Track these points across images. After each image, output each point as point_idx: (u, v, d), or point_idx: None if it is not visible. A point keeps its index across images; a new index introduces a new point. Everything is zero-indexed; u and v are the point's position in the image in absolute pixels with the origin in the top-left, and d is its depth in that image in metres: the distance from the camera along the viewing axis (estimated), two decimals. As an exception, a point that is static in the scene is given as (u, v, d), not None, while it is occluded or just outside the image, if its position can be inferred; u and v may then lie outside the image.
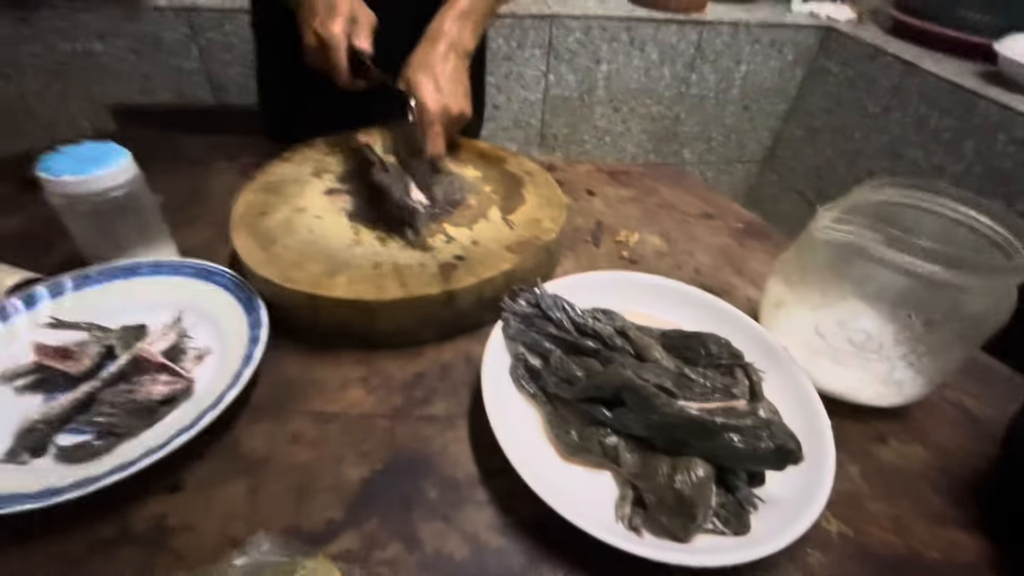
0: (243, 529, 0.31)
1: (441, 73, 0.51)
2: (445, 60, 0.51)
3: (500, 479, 0.35)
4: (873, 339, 0.36)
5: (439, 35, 0.52)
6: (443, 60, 0.51)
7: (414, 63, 0.52)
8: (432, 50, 0.52)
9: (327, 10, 0.48)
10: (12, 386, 0.37)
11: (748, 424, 0.31)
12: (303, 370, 0.41)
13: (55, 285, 0.42)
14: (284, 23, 0.55)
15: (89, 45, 1.03)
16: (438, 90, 0.50)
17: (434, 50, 0.52)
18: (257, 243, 0.43)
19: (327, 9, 0.48)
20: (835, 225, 0.37)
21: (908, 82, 1.15)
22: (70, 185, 0.39)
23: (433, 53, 0.51)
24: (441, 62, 0.51)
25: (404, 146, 0.53)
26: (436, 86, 0.50)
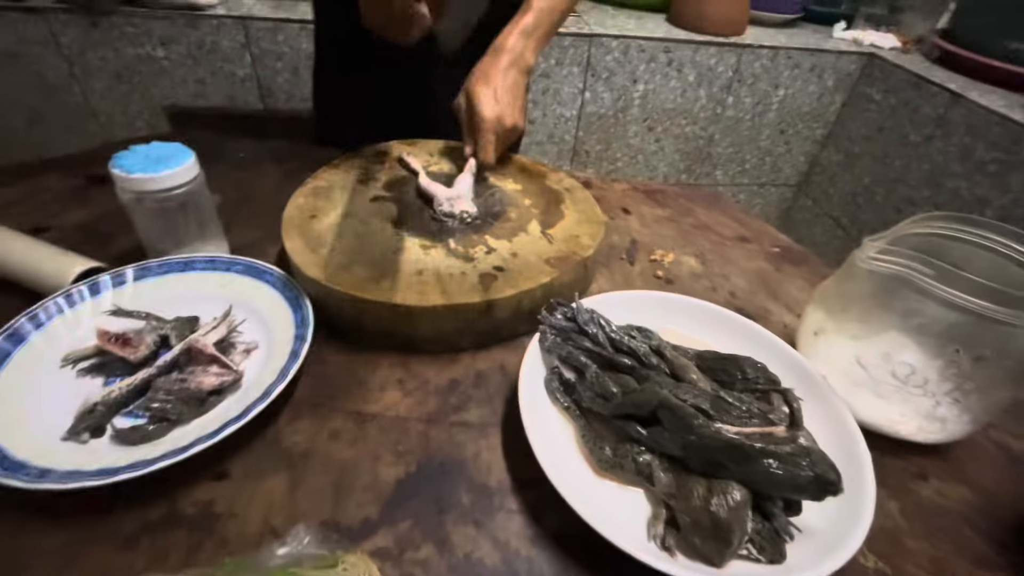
0: (284, 520, 0.32)
1: (500, 85, 0.52)
2: (506, 74, 0.53)
3: (532, 489, 0.35)
4: (918, 373, 0.35)
5: (502, 50, 0.54)
6: (504, 74, 0.53)
7: (476, 74, 0.53)
8: (494, 63, 0.53)
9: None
10: (75, 368, 0.39)
11: (787, 451, 0.31)
12: (344, 370, 0.42)
13: (117, 275, 0.44)
14: (345, 34, 0.57)
15: (152, 51, 1.09)
16: (496, 101, 0.52)
17: (496, 63, 0.53)
18: (307, 245, 0.45)
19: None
20: (881, 256, 0.36)
21: (953, 112, 1.13)
22: (140, 182, 0.41)
23: (495, 66, 0.53)
24: (502, 75, 0.53)
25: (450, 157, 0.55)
26: (494, 97, 0.52)
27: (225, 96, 1.18)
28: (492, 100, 0.52)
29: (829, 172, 1.48)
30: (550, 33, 0.57)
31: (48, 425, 0.35)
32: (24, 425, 0.34)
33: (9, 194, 0.59)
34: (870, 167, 1.35)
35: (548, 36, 0.57)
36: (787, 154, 1.50)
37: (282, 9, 1.12)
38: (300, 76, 1.17)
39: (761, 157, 1.50)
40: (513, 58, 0.54)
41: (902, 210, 1.27)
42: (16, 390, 0.36)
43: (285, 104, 1.21)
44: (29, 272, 0.44)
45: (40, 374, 0.38)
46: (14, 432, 0.33)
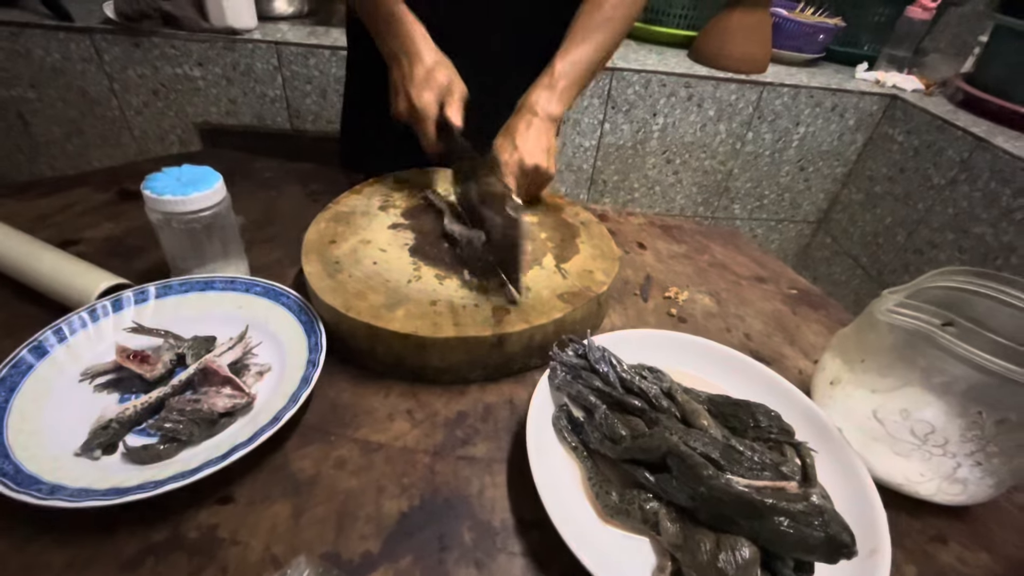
0: (285, 549, 0.32)
1: (520, 134, 0.53)
2: (528, 125, 0.54)
3: (535, 532, 0.35)
4: (938, 433, 0.34)
5: (524, 106, 0.55)
6: (526, 125, 0.54)
7: (501, 131, 0.55)
8: (517, 118, 0.55)
9: (424, 80, 0.52)
10: (92, 384, 0.40)
11: (799, 509, 0.30)
12: (354, 396, 0.42)
13: (140, 292, 0.45)
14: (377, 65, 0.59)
15: (190, 70, 1.13)
16: (515, 147, 0.53)
17: (519, 118, 0.55)
18: (325, 270, 0.46)
19: (425, 79, 0.52)
20: (901, 310, 0.36)
21: (978, 157, 1.12)
22: (169, 203, 0.43)
23: (517, 120, 0.55)
24: (524, 126, 0.54)
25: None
26: (513, 144, 0.53)
27: (254, 115, 1.22)
28: (511, 146, 0.53)
29: (849, 211, 1.47)
30: (578, 84, 0.58)
31: (63, 439, 0.35)
32: (40, 437, 0.35)
33: (45, 206, 0.61)
34: (892, 208, 1.33)
35: (576, 87, 0.58)
36: (807, 191, 1.50)
37: (314, 35, 1.16)
38: (328, 99, 1.21)
39: (780, 193, 1.50)
40: (535, 110, 0.55)
41: (924, 252, 1.25)
42: (35, 403, 0.37)
43: (312, 125, 1.24)
44: (56, 285, 0.46)
45: (59, 388, 0.38)
46: (30, 444, 0.34)
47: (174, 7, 1.08)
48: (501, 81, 0.65)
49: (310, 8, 1.27)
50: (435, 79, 0.52)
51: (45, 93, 1.14)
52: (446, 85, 0.52)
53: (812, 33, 1.38)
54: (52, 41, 1.08)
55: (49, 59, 1.10)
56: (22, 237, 0.49)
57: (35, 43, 1.08)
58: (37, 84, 1.13)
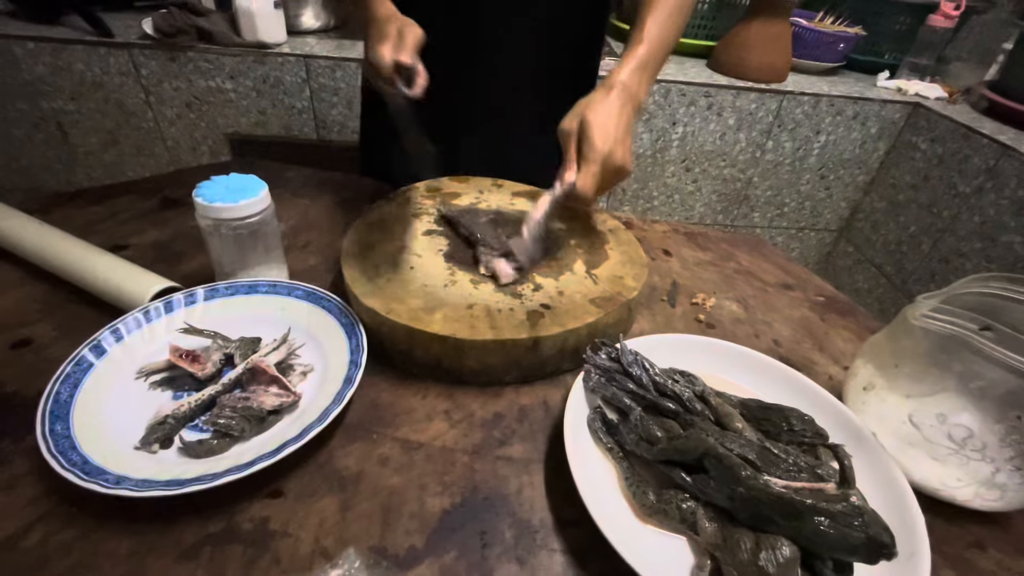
0: (334, 542, 0.33)
1: (616, 122, 0.49)
2: (622, 111, 0.50)
3: (574, 530, 0.35)
4: (976, 437, 0.34)
5: (618, 84, 0.51)
6: (620, 110, 0.50)
7: (592, 104, 0.50)
8: (611, 97, 0.51)
9: (377, 36, 0.49)
10: (147, 381, 0.42)
11: (839, 510, 0.30)
12: (394, 397, 0.44)
13: (190, 294, 0.47)
14: None
15: (222, 83, 1.17)
16: (609, 135, 0.49)
17: (613, 98, 0.50)
18: (364, 275, 0.48)
19: (377, 35, 0.50)
20: (936, 315, 0.36)
21: (1005, 164, 1.11)
22: (219, 210, 0.45)
23: (612, 100, 0.50)
24: (618, 111, 0.50)
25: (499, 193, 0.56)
26: (610, 130, 0.49)
27: (283, 126, 1.25)
28: (606, 133, 0.49)
29: (872, 219, 1.46)
30: (661, 65, 0.55)
31: (122, 433, 0.37)
32: (102, 431, 0.37)
33: (94, 213, 0.64)
34: (916, 216, 1.32)
35: (659, 69, 0.55)
36: (828, 199, 1.49)
37: (341, 49, 1.19)
38: (353, 110, 1.24)
39: (801, 202, 1.49)
40: (629, 95, 0.51)
41: (950, 261, 1.23)
42: (96, 399, 0.39)
43: (337, 135, 1.27)
44: (111, 288, 0.48)
45: (117, 385, 0.40)
46: (93, 438, 0.36)
47: (209, 23, 1.12)
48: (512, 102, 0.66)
49: (337, 22, 1.31)
50: (387, 32, 0.49)
51: (84, 105, 1.19)
52: (397, 34, 0.49)
53: (832, 42, 1.38)
54: (92, 56, 1.12)
55: (89, 73, 1.15)
56: (76, 241, 0.52)
57: (76, 58, 1.13)
58: (77, 97, 1.18)
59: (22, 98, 1.17)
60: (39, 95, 1.17)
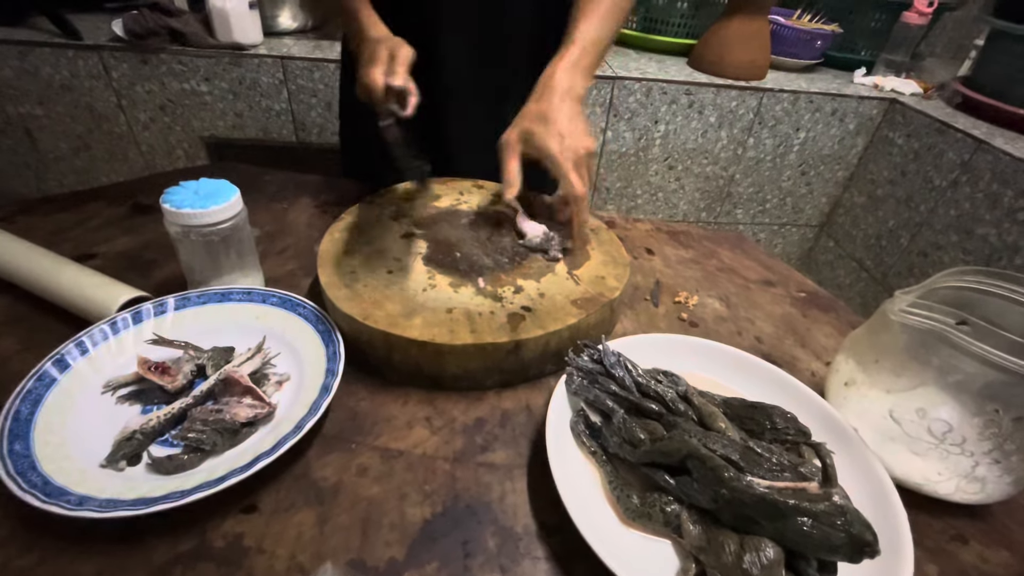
0: (311, 557, 0.32)
1: (559, 119, 0.51)
2: (560, 108, 0.51)
3: (558, 536, 0.35)
4: (955, 431, 0.35)
5: (551, 87, 0.53)
6: (558, 108, 0.51)
7: (529, 116, 0.52)
8: (546, 100, 0.52)
9: (369, 58, 0.52)
10: (115, 395, 0.40)
11: (822, 509, 0.30)
12: (373, 405, 0.43)
13: (159, 304, 0.46)
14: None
15: (197, 85, 1.14)
16: (561, 135, 0.50)
17: (549, 100, 0.52)
18: (341, 280, 0.46)
19: (370, 57, 0.52)
20: (914, 310, 0.36)
21: (979, 159, 1.13)
22: (188, 216, 0.43)
23: (548, 103, 0.52)
24: (556, 110, 0.51)
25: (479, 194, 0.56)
26: (558, 133, 0.50)
27: (260, 128, 1.23)
28: (557, 136, 0.50)
29: (852, 214, 1.48)
30: (596, 63, 0.57)
31: (88, 450, 0.36)
32: (66, 449, 0.35)
33: (61, 221, 0.62)
34: (894, 210, 1.34)
35: (594, 66, 0.57)
36: (809, 195, 1.51)
37: (319, 49, 1.17)
38: (333, 111, 1.22)
39: (782, 198, 1.50)
40: (563, 91, 0.52)
41: (928, 254, 1.25)
42: (60, 415, 0.37)
43: (317, 138, 1.25)
44: (76, 299, 0.46)
45: (83, 400, 0.39)
46: (56, 456, 0.34)
47: (181, 24, 1.09)
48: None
49: (315, 23, 1.29)
50: (378, 55, 0.51)
51: (53, 110, 1.15)
52: (388, 57, 0.51)
53: (810, 40, 1.39)
54: (61, 59, 1.09)
55: (57, 76, 1.11)
56: (40, 251, 0.50)
57: (44, 61, 1.09)
58: (45, 101, 1.14)
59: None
60: (5, 99, 1.13)
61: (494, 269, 0.50)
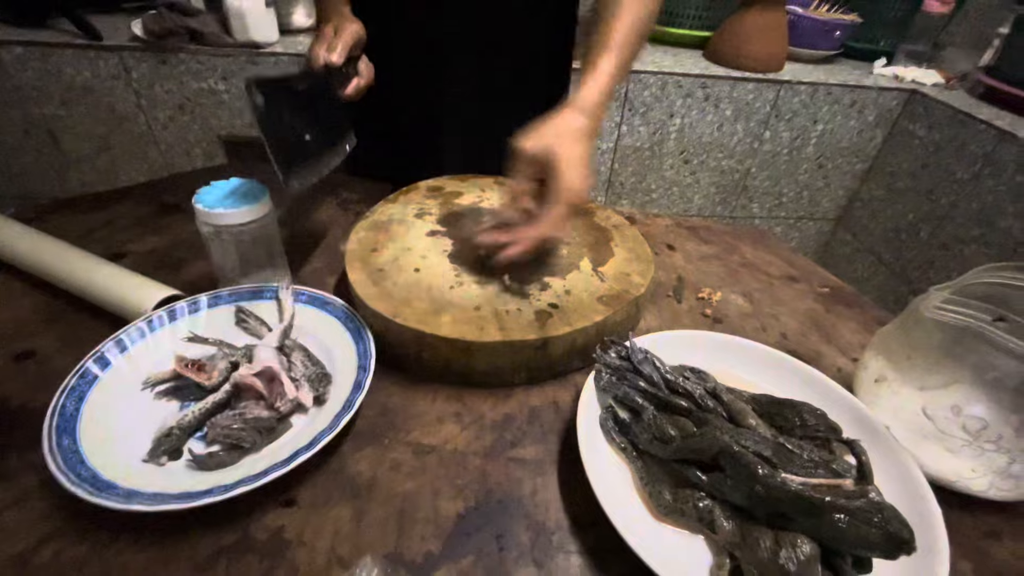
0: (350, 550, 0.33)
1: (583, 159, 0.46)
2: (587, 145, 0.47)
3: (591, 531, 0.35)
4: (991, 429, 0.34)
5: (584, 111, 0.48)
6: (587, 145, 0.47)
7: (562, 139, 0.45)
8: (575, 124, 0.47)
9: (319, 37, 0.53)
10: (152, 392, 0.41)
11: (858, 506, 0.30)
12: (403, 401, 0.43)
13: (193, 302, 0.47)
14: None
15: (214, 84, 1.16)
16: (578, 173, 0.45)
17: (579, 129, 0.47)
18: (369, 278, 0.47)
19: (320, 36, 0.53)
20: (948, 307, 0.36)
21: (1002, 150, 1.11)
22: (220, 216, 0.44)
23: (577, 132, 0.47)
24: (585, 147, 0.47)
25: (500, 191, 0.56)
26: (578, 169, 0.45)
27: (278, 127, 1.24)
28: (576, 171, 0.44)
29: (870, 207, 1.46)
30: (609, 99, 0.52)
31: (130, 446, 0.37)
32: (110, 445, 0.36)
33: (90, 221, 0.63)
34: (914, 203, 1.32)
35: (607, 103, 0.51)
36: (826, 188, 1.49)
37: (335, 46, 1.18)
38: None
39: (799, 191, 1.49)
40: (595, 125, 0.48)
41: (950, 247, 1.23)
42: (103, 411, 0.38)
43: (333, 135, 1.26)
44: (113, 297, 0.47)
45: (123, 397, 0.40)
46: (101, 451, 0.35)
47: (199, 24, 1.10)
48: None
49: (329, 20, 1.29)
50: (324, 32, 0.53)
51: (75, 110, 1.17)
52: (331, 34, 0.52)
53: (828, 30, 1.37)
54: (82, 60, 1.11)
55: (79, 77, 1.13)
56: (75, 251, 0.51)
57: (65, 62, 1.11)
58: (67, 102, 1.16)
59: (11, 104, 1.15)
60: (28, 101, 1.15)
61: (519, 267, 0.50)
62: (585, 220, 0.59)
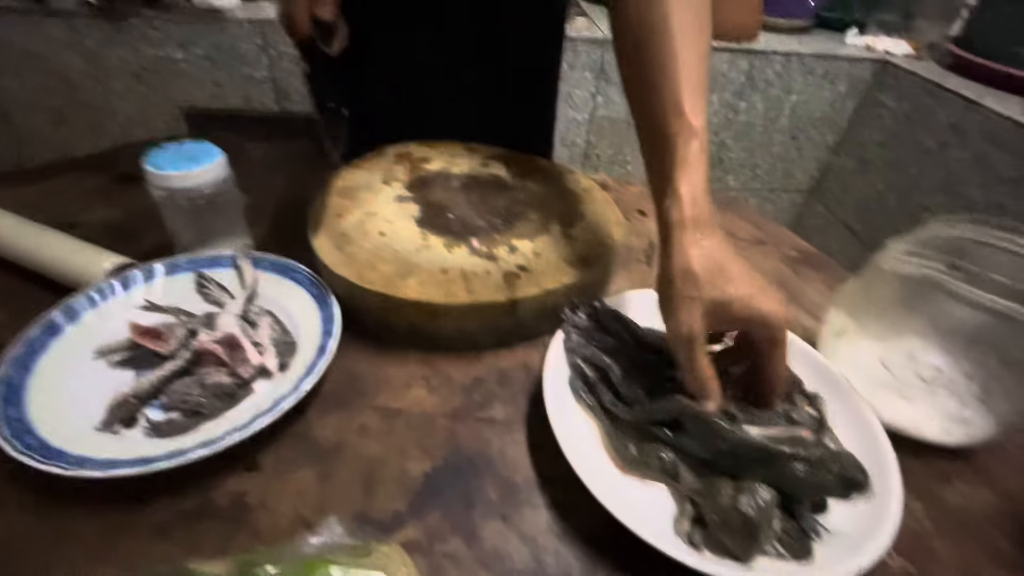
0: (315, 512, 0.33)
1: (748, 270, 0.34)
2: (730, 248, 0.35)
3: (557, 486, 0.35)
4: (944, 374, 0.35)
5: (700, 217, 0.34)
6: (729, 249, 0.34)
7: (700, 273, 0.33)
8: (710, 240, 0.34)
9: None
10: (107, 360, 0.40)
11: (816, 455, 0.31)
12: (371, 366, 0.43)
13: (148, 270, 0.45)
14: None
15: (172, 52, 1.10)
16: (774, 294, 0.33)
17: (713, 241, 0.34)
18: (333, 243, 0.46)
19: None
20: (907, 258, 0.36)
21: (968, 119, 1.13)
22: (173, 179, 0.42)
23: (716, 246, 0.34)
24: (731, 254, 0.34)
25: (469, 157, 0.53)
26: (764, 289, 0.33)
27: (242, 97, 1.19)
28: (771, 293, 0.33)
29: (842, 179, 1.48)
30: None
31: (83, 415, 0.35)
32: (61, 415, 0.35)
33: (34, 192, 0.60)
34: (884, 174, 1.35)
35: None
36: (799, 160, 1.50)
37: (300, 13, 1.13)
38: (316, 79, 1.18)
39: (773, 163, 1.50)
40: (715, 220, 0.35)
41: (917, 217, 1.26)
42: (52, 381, 0.37)
43: (301, 105, 1.22)
44: (61, 267, 0.45)
45: (75, 366, 0.38)
46: (52, 421, 0.34)
47: (153, -14, 1.05)
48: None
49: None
50: None
51: (27, 82, 1.11)
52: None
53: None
54: (29, 26, 1.04)
55: (28, 46, 1.07)
56: (22, 221, 0.49)
57: (12, 30, 1.04)
58: (17, 73, 1.10)
59: (-47, 75, 1.09)
60: (-29, 71, 1.08)
61: (488, 230, 0.49)
62: (555, 184, 0.58)
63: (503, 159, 0.62)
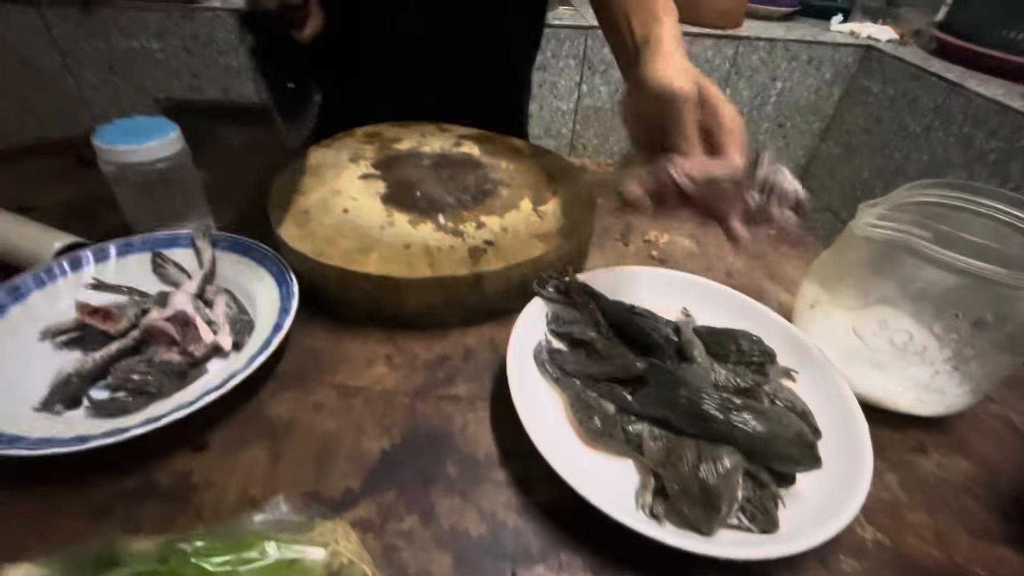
0: (263, 491, 0.31)
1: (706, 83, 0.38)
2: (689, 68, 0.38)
3: (520, 461, 0.34)
4: (916, 340, 0.34)
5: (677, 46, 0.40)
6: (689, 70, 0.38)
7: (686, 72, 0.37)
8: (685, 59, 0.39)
9: None
10: (54, 342, 0.38)
11: (765, 407, 0.30)
12: (331, 344, 0.41)
13: (100, 250, 0.43)
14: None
15: (147, 42, 1.08)
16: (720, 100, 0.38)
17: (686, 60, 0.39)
18: (294, 220, 0.44)
19: None
20: (879, 222, 0.35)
21: (952, 102, 1.12)
22: (122, 154, 0.41)
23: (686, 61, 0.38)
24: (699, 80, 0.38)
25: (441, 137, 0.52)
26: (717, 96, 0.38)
27: (220, 88, 1.17)
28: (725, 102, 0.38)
29: (828, 165, 1.48)
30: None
31: (23, 396, 0.34)
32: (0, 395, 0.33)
33: (-6, 175, 0.58)
34: (869, 159, 1.34)
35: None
36: (785, 147, 1.50)
37: (277, 1, 1.11)
38: (295, 68, 1.16)
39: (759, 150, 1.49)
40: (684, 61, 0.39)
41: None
42: (-9, 361, 0.35)
43: (280, 96, 1.20)
44: (8, 246, 0.43)
45: (17, 347, 0.37)
46: (-13, 402, 0.32)
47: (124, -26, 1.02)
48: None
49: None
50: None
51: (-7, 72, 1.09)
52: None
53: (787, -15, 1.36)
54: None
55: (-6, 34, 1.04)
56: (-30, 202, 0.47)
57: (-24, 18, 1.02)
58: (-17, 63, 1.07)
59: (-81, 65, 1.06)
60: (-61, 61, 1.06)
61: (456, 207, 0.48)
62: (530, 162, 0.57)
63: (476, 138, 0.60)
